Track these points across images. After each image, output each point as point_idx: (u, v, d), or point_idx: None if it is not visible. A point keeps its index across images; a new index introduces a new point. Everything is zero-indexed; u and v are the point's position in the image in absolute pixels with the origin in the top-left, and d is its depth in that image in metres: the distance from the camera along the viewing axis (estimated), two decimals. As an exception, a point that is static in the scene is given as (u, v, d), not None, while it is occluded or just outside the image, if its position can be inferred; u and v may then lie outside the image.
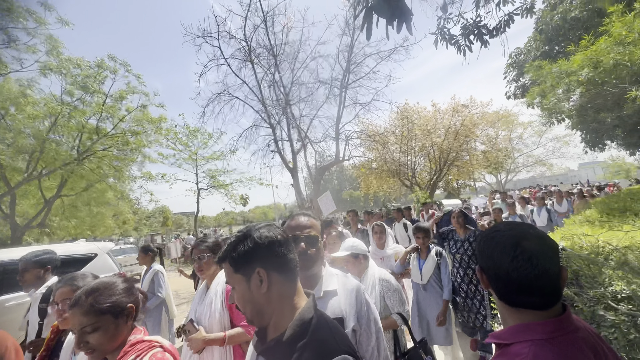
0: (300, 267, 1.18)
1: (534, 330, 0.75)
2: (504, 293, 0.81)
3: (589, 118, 8.93)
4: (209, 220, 68.69)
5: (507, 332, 0.80)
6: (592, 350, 0.74)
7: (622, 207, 4.67)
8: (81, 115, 9.90)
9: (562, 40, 8.82)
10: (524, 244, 0.76)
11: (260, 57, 13.00)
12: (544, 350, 0.71)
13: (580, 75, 4.92)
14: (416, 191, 16.39)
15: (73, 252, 5.06)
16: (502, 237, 0.80)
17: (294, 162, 13.40)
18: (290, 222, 1.38)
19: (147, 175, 13.86)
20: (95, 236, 16.72)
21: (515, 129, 24.40)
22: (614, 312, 1.67)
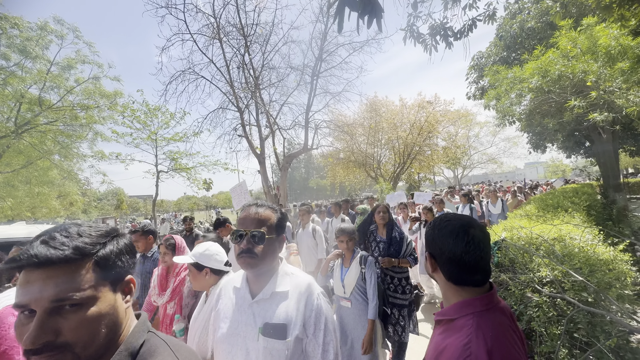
0: (244, 266, 1.15)
1: (474, 304, 0.89)
2: (453, 273, 0.93)
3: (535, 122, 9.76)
4: (168, 204, 65.44)
5: (451, 309, 0.93)
6: (509, 315, 0.93)
7: (556, 204, 5.29)
8: (19, 83, 8.77)
9: (518, 48, 9.51)
10: (472, 232, 0.91)
11: (229, 36, 12.40)
12: (484, 319, 0.86)
13: (531, 82, 5.38)
14: (380, 182, 17.00)
15: (10, 235, 4.60)
16: (454, 226, 0.93)
17: (262, 148, 13.16)
18: (240, 213, 1.26)
19: (99, 154, 12.76)
20: (37, 218, 15.20)
21: (472, 128, 26.12)
22: (538, 294, 1.93)
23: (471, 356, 0.80)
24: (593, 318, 1.72)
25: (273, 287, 1.17)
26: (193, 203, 63.98)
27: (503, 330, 0.86)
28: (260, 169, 13.44)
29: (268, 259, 1.17)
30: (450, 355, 0.84)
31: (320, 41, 13.31)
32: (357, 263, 2.57)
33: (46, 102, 9.79)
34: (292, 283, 1.20)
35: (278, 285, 1.18)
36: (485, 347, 0.80)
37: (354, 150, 18.46)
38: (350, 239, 2.61)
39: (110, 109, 11.40)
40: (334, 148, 18.29)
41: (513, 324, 0.93)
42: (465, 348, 0.82)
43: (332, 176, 21.40)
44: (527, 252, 2.42)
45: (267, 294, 1.16)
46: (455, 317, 0.91)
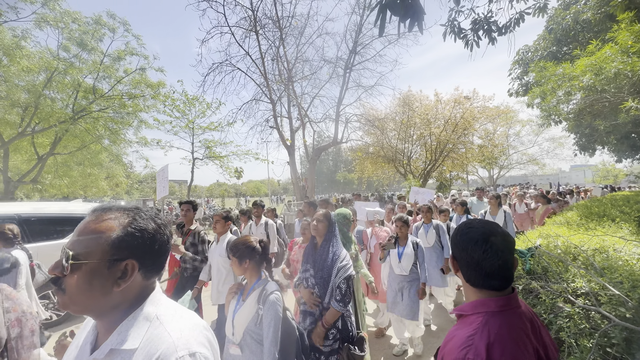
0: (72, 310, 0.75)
1: (488, 304, 0.94)
2: (472, 277, 0.99)
3: (584, 122, 9.06)
4: (201, 190, 68.67)
5: (468, 306, 0.99)
6: (529, 322, 0.96)
7: (602, 212, 4.93)
8: (77, 73, 9.61)
9: (570, 42, 8.76)
10: (492, 240, 0.95)
11: (265, 29, 12.63)
12: (494, 319, 0.92)
13: (582, 80, 5.00)
14: (409, 179, 16.64)
15: (71, 211, 5.17)
16: (475, 233, 0.98)
17: (292, 140, 13.40)
18: None
19: (143, 140, 13.70)
20: (87, 196, 16.71)
21: (513, 126, 24.56)
22: (570, 305, 1.88)
23: (471, 346, 0.86)
24: (630, 334, 1.65)
25: (114, 342, 0.74)
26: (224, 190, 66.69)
27: (513, 332, 0.90)
28: (290, 160, 13.72)
29: (82, 297, 0.73)
30: (454, 343, 0.92)
31: (354, 33, 13.17)
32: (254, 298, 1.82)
33: (99, 91, 10.65)
34: (147, 337, 0.75)
35: (124, 339, 0.74)
36: (486, 341, 0.86)
37: (384, 145, 18.15)
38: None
39: (153, 98, 12.14)
40: (363, 142, 18.13)
41: (532, 330, 0.95)
42: (468, 338, 0.89)
43: (360, 170, 21.24)
44: (562, 262, 2.33)
45: (103, 352, 0.74)
46: (469, 314, 0.98)
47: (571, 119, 8.49)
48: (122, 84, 11.04)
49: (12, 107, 8.95)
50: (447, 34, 4.28)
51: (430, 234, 4.38)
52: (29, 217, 4.70)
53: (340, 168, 63.27)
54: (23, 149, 11.03)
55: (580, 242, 2.80)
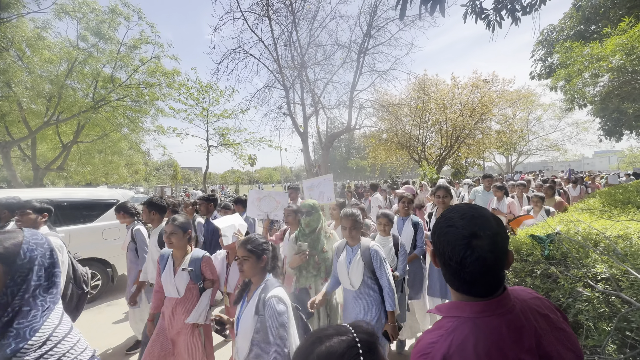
0: None
1: (463, 309, 0.81)
2: (450, 281, 0.85)
3: (612, 106, 8.65)
4: (215, 177, 69.92)
5: (445, 306, 0.87)
6: (517, 330, 0.78)
7: (626, 199, 4.77)
8: (96, 63, 9.84)
9: (600, 20, 8.23)
10: (475, 244, 0.76)
11: (278, 13, 12.44)
12: (464, 326, 0.78)
13: (611, 61, 4.75)
14: (424, 166, 16.41)
15: (98, 196, 5.44)
16: (454, 236, 0.80)
17: (305, 127, 13.39)
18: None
19: (159, 128, 14.01)
20: (107, 183, 17.36)
21: (534, 110, 23.59)
22: (590, 290, 1.89)
23: (428, 355, 0.77)
24: (651, 319, 1.65)
25: None
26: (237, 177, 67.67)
27: (481, 344, 0.75)
28: (303, 147, 13.76)
29: None
30: (417, 348, 0.83)
31: (369, 16, 12.79)
32: None
33: (117, 80, 10.89)
34: None
35: None
36: (444, 351, 0.75)
37: (398, 131, 17.86)
38: None
39: (168, 86, 12.31)
40: (377, 128, 17.90)
41: (519, 340, 0.78)
42: (428, 345, 0.79)
43: (374, 157, 21.06)
44: (582, 247, 2.31)
45: None
46: (443, 316, 0.86)
47: (597, 102, 8.12)
48: (138, 73, 11.23)
49: (37, 97, 9.30)
50: (468, 15, 4.13)
51: (406, 231, 3.38)
52: (60, 202, 4.98)
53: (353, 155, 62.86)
54: (48, 138, 11.52)
55: (602, 229, 2.75)
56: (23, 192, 5.16)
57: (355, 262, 2.35)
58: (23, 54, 8.95)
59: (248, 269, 1.74)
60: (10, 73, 7.66)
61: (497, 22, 4.13)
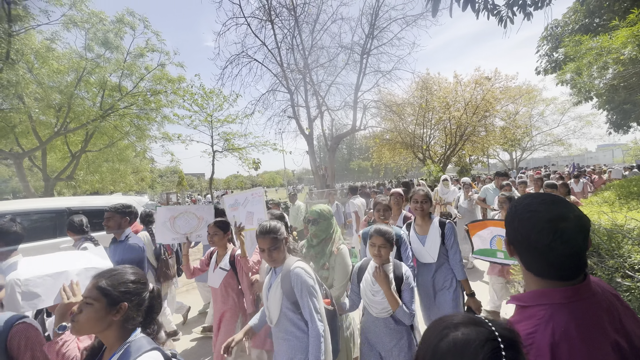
0: None
1: (552, 296, 0.80)
2: (534, 266, 0.84)
3: (619, 98, 8.63)
4: (218, 182, 70.11)
5: (527, 295, 0.85)
6: (606, 311, 0.80)
7: (639, 192, 4.76)
8: (103, 72, 9.95)
9: (604, 13, 8.24)
10: (562, 227, 0.77)
11: (280, 17, 12.55)
12: (560, 312, 0.77)
13: (623, 53, 4.75)
14: (428, 164, 16.39)
15: (113, 204, 5.49)
16: (539, 220, 0.79)
17: (310, 129, 13.44)
18: None
19: (165, 135, 14.08)
20: (116, 191, 17.45)
21: (536, 106, 23.54)
22: (630, 280, 1.89)
23: (532, 345, 0.74)
24: (695, 306, 1.65)
25: None
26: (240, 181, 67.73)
27: (583, 328, 0.75)
28: (309, 149, 13.80)
29: None
30: None
31: (370, 17, 12.86)
32: None
33: (124, 89, 10.98)
34: None
35: None
36: (549, 340, 0.73)
37: (402, 130, 17.88)
38: None
39: (174, 93, 12.40)
40: (382, 129, 17.92)
41: (610, 320, 0.79)
42: (528, 337, 0.75)
43: (378, 157, 21.07)
44: (614, 238, 2.31)
45: None
46: (528, 305, 0.83)
47: (604, 95, 8.10)
48: (144, 81, 11.33)
49: (47, 108, 9.41)
50: (480, 11, 4.15)
51: None
52: (77, 210, 5.02)
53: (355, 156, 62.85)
54: (57, 148, 11.61)
55: (626, 220, 2.74)
56: (40, 201, 5.21)
57: (274, 289, 1.82)
58: (32, 66, 9.06)
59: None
60: (22, 85, 7.76)
61: (509, 18, 4.15)
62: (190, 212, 3.10)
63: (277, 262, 1.85)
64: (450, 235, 2.60)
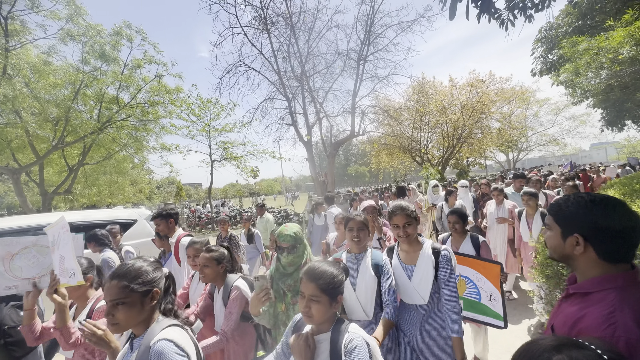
0: None
1: (616, 280, 0.87)
2: (611, 251, 0.89)
3: (613, 97, 8.75)
4: (215, 192, 69.76)
5: (589, 282, 0.91)
6: None
7: (645, 189, 4.78)
8: (101, 84, 9.91)
9: (596, 14, 8.41)
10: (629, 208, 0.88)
11: (276, 25, 12.65)
12: (628, 293, 0.83)
13: (621, 52, 4.82)
14: (427, 167, 16.45)
15: (116, 217, 5.38)
16: (617, 204, 0.89)
17: (309, 136, 13.45)
18: None
19: (163, 146, 14.01)
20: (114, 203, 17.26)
21: (531, 107, 23.84)
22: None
23: (616, 324, 0.78)
24: None
25: None
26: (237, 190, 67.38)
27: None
28: (308, 156, 13.78)
29: None
30: (591, 323, 0.83)
31: (365, 23, 13.01)
32: None
33: (121, 101, 10.94)
34: None
35: None
36: (632, 316, 0.78)
37: (399, 134, 17.98)
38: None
39: (172, 103, 12.39)
40: (380, 133, 18.00)
41: None
42: (608, 317, 0.80)
43: (377, 162, 21.13)
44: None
45: None
46: (591, 291, 0.90)
47: (600, 94, 8.20)
48: (141, 92, 11.30)
49: (45, 122, 9.32)
50: (481, 15, 4.18)
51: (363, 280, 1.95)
52: (79, 225, 4.92)
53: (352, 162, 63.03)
54: (54, 162, 11.48)
55: None
56: (40, 217, 5.10)
57: None
58: (29, 80, 9.01)
59: None
60: (19, 100, 7.68)
61: (510, 21, 4.20)
62: (39, 245, 1.90)
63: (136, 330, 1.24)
64: (445, 268, 1.90)
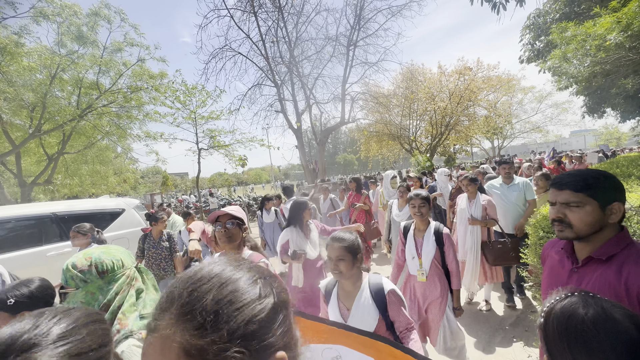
0: None
1: (625, 238, 1.02)
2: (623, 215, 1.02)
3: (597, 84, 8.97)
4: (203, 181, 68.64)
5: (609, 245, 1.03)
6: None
7: (625, 173, 4.97)
8: (80, 69, 9.38)
9: (583, 1, 8.51)
10: None
11: (264, 8, 12.22)
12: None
13: (609, 39, 4.90)
14: (416, 154, 16.61)
15: (102, 207, 5.21)
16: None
17: (299, 122, 13.28)
18: None
19: (147, 134, 13.54)
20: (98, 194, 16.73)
21: (515, 95, 24.24)
22: None
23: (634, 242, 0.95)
24: None
25: None
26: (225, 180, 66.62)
27: None
28: (298, 144, 13.65)
29: None
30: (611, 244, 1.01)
31: (355, 7, 12.74)
32: None
33: (101, 86, 10.44)
34: None
35: None
36: None
37: (388, 122, 17.98)
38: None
39: (156, 89, 11.91)
40: (371, 120, 17.96)
41: None
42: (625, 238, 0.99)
43: (366, 150, 21.16)
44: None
45: None
46: (618, 251, 1.01)
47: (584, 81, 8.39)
48: (123, 77, 10.79)
49: (19, 109, 8.79)
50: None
51: None
52: (64, 215, 4.74)
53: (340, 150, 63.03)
54: (31, 151, 10.94)
55: None
56: (22, 207, 4.88)
57: None
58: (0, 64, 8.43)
59: None
60: (-11, 85, 7.19)
61: (502, 4, 4.20)
62: None
63: None
64: None
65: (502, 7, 4.30)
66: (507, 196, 3.80)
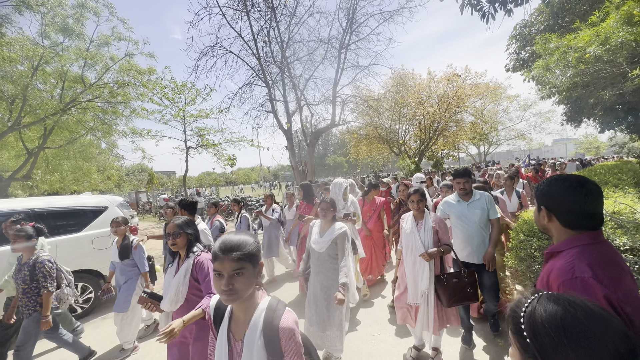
0: None
1: (581, 239, 1.05)
2: (571, 220, 1.08)
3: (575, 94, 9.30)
4: (190, 180, 67.56)
5: (562, 243, 1.10)
6: (619, 256, 1.07)
7: (602, 181, 5.19)
8: (64, 61, 9.09)
9: (566, 15, 8.85)
10: (590, 186, 1.06)
11: (256, 8, 12.15)
12: (588, 249, 1.02)
13: (588, 51, 5.11)
14: (404, 158, 16.85)
15: (83, 204, 5.06)
16: (571, 182, 1.08)
17: (290, 123, 13.23)
18: None
19: (133, 130, 13.24)
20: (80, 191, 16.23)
21: (501, 102, 24.92)
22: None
23: (574, 268, 0.97)
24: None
25: None
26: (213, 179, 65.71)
27: (607, 257, 1.00)
28: (288, 145, 13.59)
29: None
30: (557, 273, 1.02)
31: (347, 11, 12.84)
32: None
33: (87, 80, 10.15)
34: None
35: None
36: (586, 262, 0.97)
37: (378, 125, 18.18)
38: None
39: (143, 85, 11.67)
40: (361, 123, 18.08)
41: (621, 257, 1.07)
42: (570, 265, 0.99)
43: (356, 152, 21.31)
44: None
45: None
46: (563, 250, 1.08)
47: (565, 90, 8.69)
48: (110, 72, 10.53)
49: (0, 101, 8.46)
50: (464, 7, 4.27)
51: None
52: (42, 212, 4.58)
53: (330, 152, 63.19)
54: (10, 145, 10.51)
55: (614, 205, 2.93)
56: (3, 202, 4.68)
57: None
58: (-23, 54, 8.07)
59: None
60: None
61: (491, 14, 4.32)
62: None
63: None
64: None
65: (491, 16, 4.42)
66: (467, 217, 2.99)
